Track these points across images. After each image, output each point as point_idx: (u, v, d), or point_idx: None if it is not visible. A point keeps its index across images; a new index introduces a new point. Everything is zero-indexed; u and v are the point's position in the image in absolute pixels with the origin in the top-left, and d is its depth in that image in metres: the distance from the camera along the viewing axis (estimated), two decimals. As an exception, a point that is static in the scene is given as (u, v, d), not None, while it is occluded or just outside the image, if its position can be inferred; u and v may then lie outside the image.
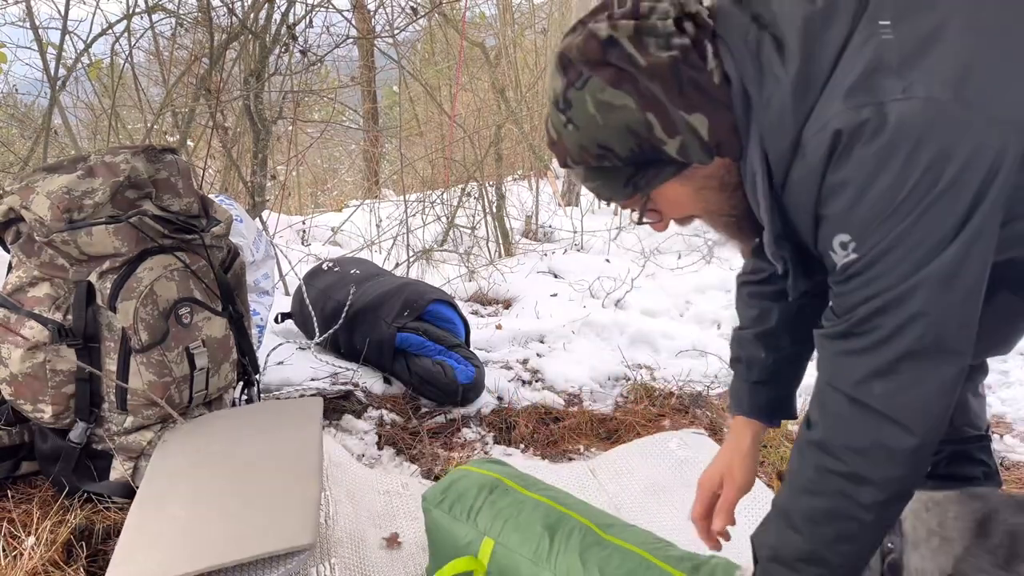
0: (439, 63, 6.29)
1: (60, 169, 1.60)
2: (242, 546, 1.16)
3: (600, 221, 5.10)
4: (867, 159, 0.83)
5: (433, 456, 2.08)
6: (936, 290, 0.85)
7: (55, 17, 2.97)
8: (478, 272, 3.89)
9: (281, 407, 1.82)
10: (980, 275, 0.87)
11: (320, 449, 1.42)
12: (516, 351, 2.89)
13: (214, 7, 3.27)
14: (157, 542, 1.21)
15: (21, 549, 1.42)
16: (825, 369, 0.96)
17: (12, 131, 4.40)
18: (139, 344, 1.58)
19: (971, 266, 0.85)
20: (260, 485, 1.33)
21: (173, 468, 1.44)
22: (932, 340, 0.87)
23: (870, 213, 0.85)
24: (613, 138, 0.93)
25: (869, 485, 0.91)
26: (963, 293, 0.86)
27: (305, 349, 2.60)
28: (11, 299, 1.59)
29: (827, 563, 0.96)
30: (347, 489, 1.52)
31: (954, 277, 0.85)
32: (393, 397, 2.40)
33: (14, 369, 1.57)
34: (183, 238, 1.69)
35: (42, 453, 1.65)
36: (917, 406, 0.89)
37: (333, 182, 8.53)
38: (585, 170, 1.01)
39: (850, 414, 0.91)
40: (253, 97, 3.37)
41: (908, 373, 0.88)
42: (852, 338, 0.91)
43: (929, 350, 0.87)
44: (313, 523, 1.20)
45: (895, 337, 0.87)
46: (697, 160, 0.95)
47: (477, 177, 4.52)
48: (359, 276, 2.73)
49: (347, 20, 4.00)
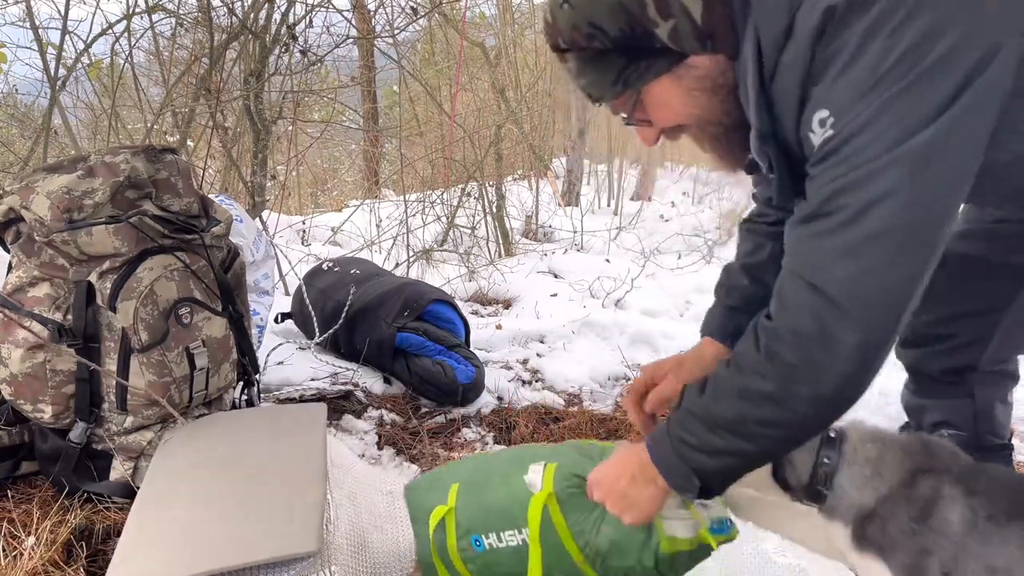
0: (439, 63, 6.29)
1: (60, 169, 1.60)
2: (244, 550, 1.15)
3: (600, 221, 5.11)
4: (856, 32, 0.81)
5: (433, 456, 2.07)
6: (910, 170, 0.81)
7: (55, 17, 2.97)
8: (478, 272, 3.89)
9: (285, 411, 1.82)
10: (960, 166, 0.83)
11: (324, 455, 1.42)
12: (516, 351, 2.89)
13: (214, 7, 3.27)
14: (158, 543, 1.21)
15: (21, 549, 1.42)
16: (789, 256, 0.94)
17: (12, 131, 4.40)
18: (139, 344, 1.58)
19: (951, 152, 0.81)
20: (263, 489, 1.32)
21: (175, 469, 1.44)
22: (899, 223, 0.83)
23: (852, 86, 0.83)
24: (605, 15, 0.92)
25: (810, 376, 0.88)
26: (938, 179, 0.82)
27: (305, 349, 2.60)
28: (11, 299, 1.59)
29: (746, 439, 0.94)
30: (348, 491, 1.52)
31: (931, 160, 0.81)
32: (393, 397, 2.40)
33: (14, 369, 1.56)
34: (183, 238, 1.69)
35: (42, 453, 1.65)
36: (872, 297, 0.85)
37: (333, 182, 8.53)
38: (576, 60, 0.99)
39: (805, 300, 0.88)
40: (253, 97, 3.36)
41: (870, 257, 0.84)
42: (819, 219, 0.88)
43: (894, 234, 0.83)
44: (317, 529, 1.19)
45: (861, 217, 0.83)
46: (689, 48, 0.94)
47: (477, 177, 4.52)
48: (359, 276, 2.73)
49: (347, 20, 3.99)
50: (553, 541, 1.20)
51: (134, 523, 1.27)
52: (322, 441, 1.48)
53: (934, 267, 0.86)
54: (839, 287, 0.85)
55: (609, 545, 1.16)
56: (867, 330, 0.85)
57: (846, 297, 0.85)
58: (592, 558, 1.17)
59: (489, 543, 1.26)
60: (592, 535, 1.17)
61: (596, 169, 7.03)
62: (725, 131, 1.04)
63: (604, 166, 6.95)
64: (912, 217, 0.83)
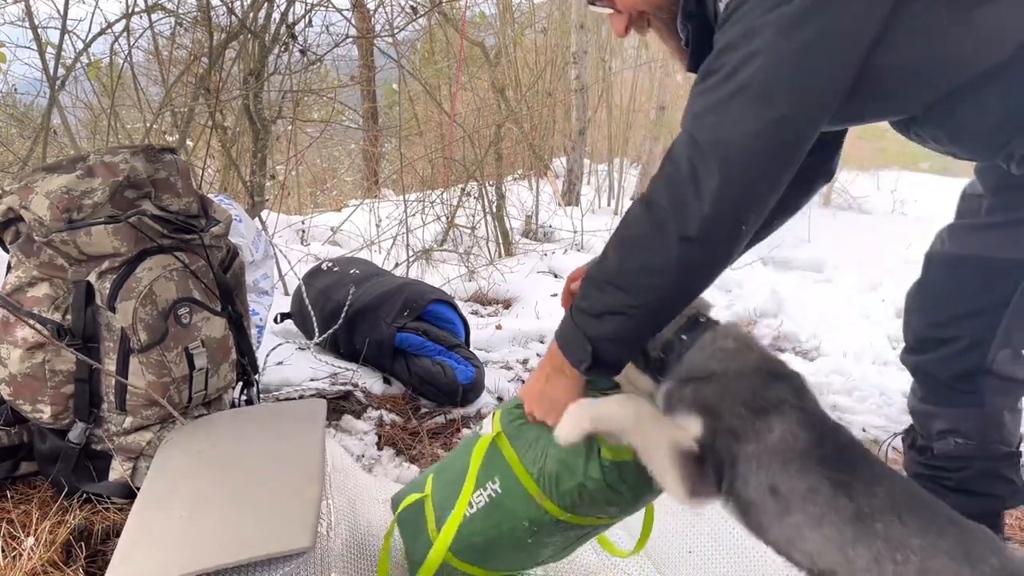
0: (439, 62, 6.28)
1: (59, 169, 1.60)
2: (240, 548, 1.15)
3: (600, 221, 5.11)
4: None
5: (433, 457, 2.07)
6: (776, 34, 0.90)
7: (54, 16, 2.97)
8: (478, 272, 3.89)
9: (284, 409, 1.82)
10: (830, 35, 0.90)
11: (322, 452, 1.42)
12: (516, 351, 2.89)
13: (213, 6, 3.27)
14: (157, 543, 1.21)
15: (20, 550, 1.41)
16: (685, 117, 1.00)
17: (11, 131, 4.39)
18: (138, 344, 1.58)
19: (823, 20, 0.89)
20: (261, 487, 1.32)
21: (175, 469, 1.44)
22: (761, 80, 0.90)
23: None
24: None
25: (678, 216, 0.94)
26: (805, 43, 0.90)
27: (304, 349, 2.60)
28: (10, 299, 1.59)
29: (627, 291, 1.00)
30: (349, 498, 1.52)
31: (801, 24, 0.89)
32: (393, 397, 2.39)
33: (13, 369, 1.56)
34: (182, 238, 1.69)
35: (41, 453, 1.65)
36: (730, 143, 0.91)
37: (332, 182, 8.52)
38: None
39: (682, 149, 0.95)
40: (252, 96, 3.36)
41: (734, 110, 0.91)
42: (707, 77, 0.96)
43: (755, 88, 0.91)
44: (312, 526, 1.19)
45: (735, 73, 0.92)
46: None
47: (477, 177, 4.51)
48: (359, 276, 2.72)
49: (346, 19, 3.99)
50: (511, 482, 1.20)
51: (134, 523, 1.27)
52: (321, 438, 1.48)
53: (801, 138, 0.93)
54: (706, 134, 0.93)
55: (558, 465, 1.15)
56: (725, 176, 0.92)
57: (709, 143, 0.93)
58: (548, 489, 1.16)
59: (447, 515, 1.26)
60: (542, 461, 1.17)
61: (596, 169, 7.03)
62: (675, 19, 1.13)
63: (604, 166, 6.95)
64: (774, 74, 0.91)
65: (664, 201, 0.96)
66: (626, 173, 6.85)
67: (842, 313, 3.61)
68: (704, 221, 0.93)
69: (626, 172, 6.87)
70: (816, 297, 3.89)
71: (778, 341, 3.30)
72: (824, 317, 3.52)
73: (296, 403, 1.91)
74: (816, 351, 3.15)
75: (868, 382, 2.70)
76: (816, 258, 4.69)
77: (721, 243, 0.96)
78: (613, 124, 6.77)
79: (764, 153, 0.92)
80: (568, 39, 6.28)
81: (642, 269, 0.99)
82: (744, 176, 0.92)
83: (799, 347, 3.24)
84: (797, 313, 3.50)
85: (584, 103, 6.29)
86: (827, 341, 3.19)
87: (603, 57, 6.88)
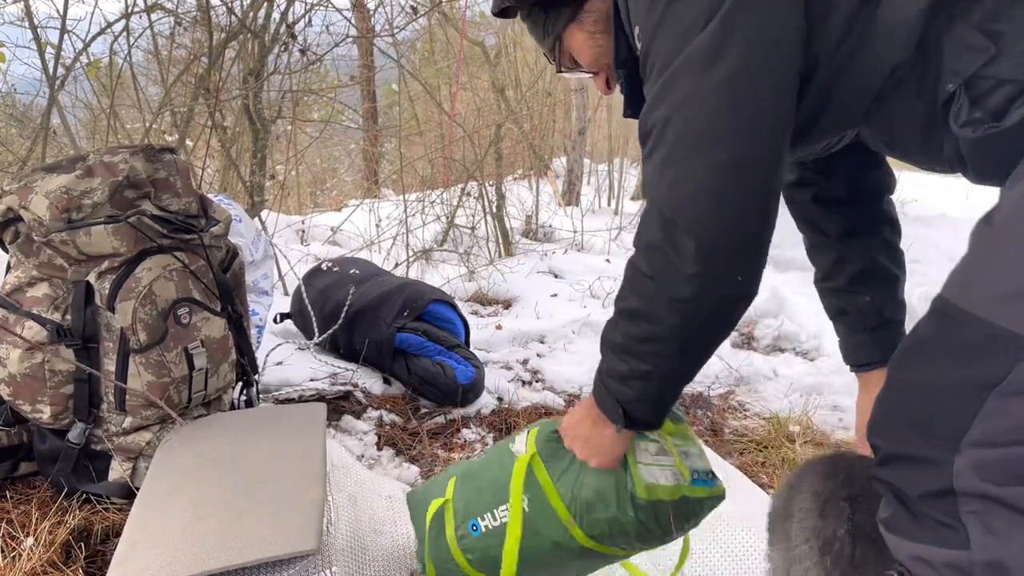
0: (439, 62, 6.28)
1: (59, 169, 1.59)
2: (244, 550, 1.15)
3: (600, 221, 5.10)
4: None
5: (433, 457, 2.07)
6: (695, 75, 0.84)
7: (54, 16, 2.97)
8: (478, 272, 3.89)
9: (284, 411, 1.82)
10: (753, 60, 0.84)
11: (324, 454, 1.42)
12: (516, 351, 2.89)
13: (213, 6, 3.27)
14: (158, 544, 1.20)
15: (20, 550, 1.41)
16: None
17: (11, 131, 4.39)
18: (138, 344, 1.57)
19: (732, 46, 0.83)
20: (263, 489, 1.32)
21: (175, 470, 1.44)
22: (700, 128, 0.85)
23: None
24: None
25: (664, 284, 0.91)
26: (725, 75, 0.83)
27: (304, 349, 2.60)
28: (10, 299, 1.58)
29: (638, 359, 0.98)
30: (349, 494, 1.52)
31: (713, 59, 0.83)
32: (393, 397, 2.39)
33: (13, 369, 1.56)
34: (182, 238, 1.69)
35: (41, 454, 1.65)
36: (689, 203, 0.86)
37: (332, 182, 8.52)
38: (521, 17, 1.16)
39: (650, 218, 0.91)
40: (252, 96, 3.36)
41: (679, 166, 0.86)
42: (645, 142, 0.93)
43: (696, 139, 0.85)
44: (316, 528, 1.19)
45: (666, 127, 0.87)
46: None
47: (477, 177, 4.51)
48: (358, 276, 2.72)
49: (346, 19, 3.99)
50: (541, 503, 1.18)
51: (135, 524, 1.27)
52: (322, 441, 1.48)
53: (769, 164, 0.87)
54: (664, 200, 0.89)
55: (593, 494, 1.13)
56: (698, 234, 0.86)
57: (670, 209, 0.88)
58: (579, 515, 1.15)
59: (485, 526, 1.23)
60: (576, 488, 1.15)
61: (596, 169, 7.02)
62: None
63: (604, 166, 6.94)
64: (710, 117, 0.84)
65: (645, 269, 0.93)
66: (626, 173, 6.84)
67: (842, 313, 3.61)
68: (695, 280, 0.88)
69: (626, 172, 6.86)
70: (816, 297, 3.89)
71: (778, 341, 3.30)
72: (824, 317, 3.50)
73: (296, 406, 1.91)
74: (816, 351, 3.15)
75: (868, 382, 2.70)
76: (816, 258, 4.68)
77: (720, 292, 0.91)
78: (613, 124, 6.76)
79: (733, 198, 0.86)
80: (568, 39, 6.27)
81: (644, 339, 0.96)
82: (717, 228, 0.86)
83: (799, 347, 3.24)
84: (797, 313, 3.49)
85: (584, 103, 6.28)
86: (827, 341, 3.18)
87: (603, 57, 6.87)
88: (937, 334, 0.80)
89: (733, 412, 2.46)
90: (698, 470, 1.16)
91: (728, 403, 2.52)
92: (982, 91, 0.84)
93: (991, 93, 0.84)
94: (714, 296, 0.91)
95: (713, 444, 2.19)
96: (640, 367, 0.98)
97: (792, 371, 2.84)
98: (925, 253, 5.01)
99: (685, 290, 0.89)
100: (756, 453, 2.17)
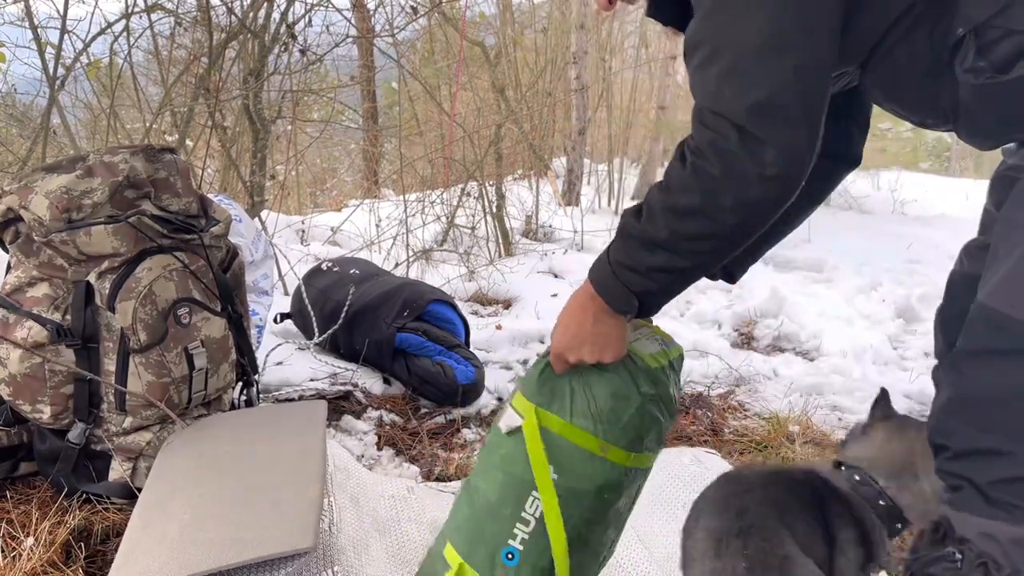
0: (439, 62, 6.27)
1: (59, 169, 1.59)
2: (242, 549, 1.15)
3: (600, 221, 5.10)
4: None
5: (433, 457, 2.07)
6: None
7: (54, 16, 2.97)
8: (478, 272, 3.89)
9: (285, 410, 1.82)
10: None
11: (323, 453, 1.42)
12: (516, 351, 2.89)
13: (213, 6, 3.27)
14: (159, 544, 1.21)
15: (20, 550, 1.41)
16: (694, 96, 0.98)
17: (11, 131, 4.39)
18: (138, 344, 1.57)
19: None
20: (262, 488, 1.33)
21: (176, 470, 1.44)
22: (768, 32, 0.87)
23: None
24: None
25: (733, 185, 0.91)
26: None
27: (304, 349, 2.60)
28: (10, 299, 1.58)
29: (681, 256, 0.98)
30: (351, 495, 1.52)
31: None
32: (393, 397, 2.39)
33: (13, 369, 1.56)
34: (182, 238, 1.69)
35: (41, 454, 1.65)
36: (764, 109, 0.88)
37: (332, 182, 8.52)
38: None
39: (714, 124, 0.91)
40: (252, 96, 3.36)
41: (744, 75, 0.89)
42: (697, 49, 0.93)
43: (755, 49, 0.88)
44: (313, 526, 1.19)
45: (726, 40, 0.89)
46: None
47: (477, 177, 4.51)
48: (358, 276, 2.72)
49: (347, 19, 3.99)
50: (567, 453, 1.08)
51: (136, 524, 1.28)
52: (322, 439, 1.48)
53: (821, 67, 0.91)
54: (734, 111, 0.89)
55: (610, 399, 1.08)
56: (774, 138, 0.89)
57: (738, 114, 0.89)
58: (608, 430, 1.07)
59: (520, 539, 1.09)
60: (593, 407, 1.08)
61: (596, 169, 7.02)
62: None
63: (604, 166, 6.94)
64: (773, 26, 0.87)
65: (714, 169, 0.92)
66: (626, 173, 6.84)
67: (842, 313, 3.61)
68: (771, 182, 0.91)
69: (626, 172, 6.86)
70: (816, 297, 3.89)
71: (778, 341, 3.30)
72: (824, 317, 3.51)
73: (296, 404, 1.92)
74: (816, 351, 3.15)
75: (868, 382, 2.70)
76: (816, 258, 4.68)
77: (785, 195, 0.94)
78: (613, 124, 6.76)
79: (804, 99, 0.89)
80: (568, 39, 6.28)
81: (694, 237, 0.96)
82: (795, 131, 0.89)
83: (799, 347, 3.24)
84: (797, 313, 3.50)
85: (584, 103, 6.28)
86: (827, 341, 3.19)
87: (603, 57, 6.87)
88: (994, 344, 0.91)
89: (733, 412, 2.46)
90: (657, 336, 1.20)
91: (728, 403, 2.52)
92: (990, 40, 0.88)
93: (998, 43, 0.87)
94: (784, 196, 0.93)
95: (713, 444, 2.19)
96: (678, 263, 0.99)
97: (792, 371, 2.84)
98: (925, 253, 5.02)
99: (756, 191, 0.91)
100: (756, 453, 2.17)
